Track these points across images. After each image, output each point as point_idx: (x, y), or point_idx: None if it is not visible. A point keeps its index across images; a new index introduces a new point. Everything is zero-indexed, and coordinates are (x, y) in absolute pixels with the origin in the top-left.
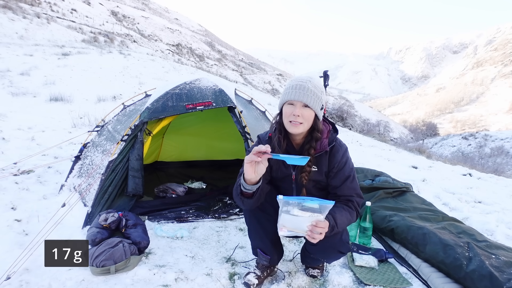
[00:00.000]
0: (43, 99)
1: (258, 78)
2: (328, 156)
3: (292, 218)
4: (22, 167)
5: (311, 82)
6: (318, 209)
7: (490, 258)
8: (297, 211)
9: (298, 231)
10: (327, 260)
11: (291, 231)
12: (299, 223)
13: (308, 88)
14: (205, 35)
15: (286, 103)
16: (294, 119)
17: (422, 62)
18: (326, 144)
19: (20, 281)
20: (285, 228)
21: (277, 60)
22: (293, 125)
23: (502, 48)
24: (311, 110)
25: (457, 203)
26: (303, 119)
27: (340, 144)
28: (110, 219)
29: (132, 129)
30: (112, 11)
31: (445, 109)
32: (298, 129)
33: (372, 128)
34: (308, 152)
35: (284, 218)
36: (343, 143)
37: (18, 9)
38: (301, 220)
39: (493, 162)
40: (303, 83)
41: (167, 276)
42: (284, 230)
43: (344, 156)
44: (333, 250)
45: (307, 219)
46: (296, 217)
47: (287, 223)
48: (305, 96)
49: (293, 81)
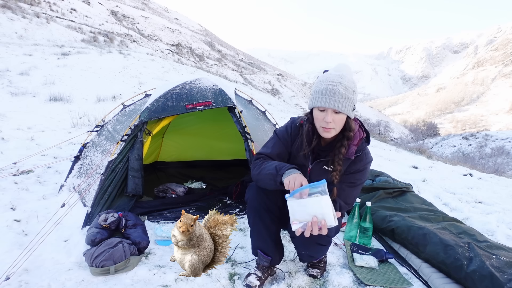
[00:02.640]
0: (43, 99)
1: (258, 78)
2: (349, 162)
3: (301, 209)
4: (22, 167)
5: (341, 84)
6: (320, 191)
7: (491, 258)
8: (302, 200)
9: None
10: (311, 254)
11: (304, 222)
12: (308, 210)
13: (339, 92)
14: (205, 35)
15: (317, 108)
16: (326, 125)
17: (422, 62)
18: (353, 152)
19: (20, 281)
20: (297, 221)
21: (277, 60)
22: (325, 131)
23: (502, 47)
24: (343, 114)
25: (457, 203)
26: (335, 124)
27: (367, 155)
28: (109, 219)
29: (132, 129)
30: (112, 11)
31: (446, 109)
32: (330, 134)
33: (372, 128)
34: (339, 150)
35: (294, 212)
36: (370, 156)
37: (17, 8)
38: (310, 206)
39: (493, 162)
40: (333, 86)
41: (167, 276)
42: (296, 223)
43: (364, 166)
44: (312, 243)
45: (314, 203)
46: (304, 206)
47: (298, 215)
48: (336, 102)
49: (323, 83)
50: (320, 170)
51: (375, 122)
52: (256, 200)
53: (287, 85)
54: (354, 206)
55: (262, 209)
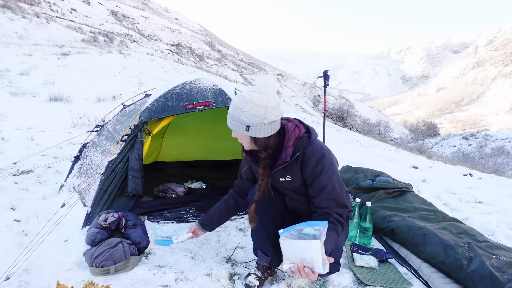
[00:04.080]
0: (43, 99)
1: (258, 78)
2: (299, 165)
3: (291, 250)
4: (22, 167)
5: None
6: (316, 235)
7: (491, 258)
8: (294, 241)
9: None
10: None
11: (294, 263)
12: (298, 252)
13: (229, 112)
14: (205, 35)
15: None
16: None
17: (422, 62)
18: (289, 154)
19: (20, 281)
20: (287, 260)
21: (277, 60)
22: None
23: (502, 47)
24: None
25: (457, 203)
26: (241, 140)
27: (314, 150)
28: (109, 219)
29: (132, 129)
30: (112, 11)
31: (446, 109)
32: (245, 146)
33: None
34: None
35: (285, 251)
36: (319, 149)
37: (17, 8)
38: (300, 249)
39: (493, 162)
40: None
41: (167, 277)
42: (287, 262)
43: (319, 164)
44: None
45: (305, 247)
46: (295, 248)
47: (289, 254)
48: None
49: None
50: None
51: (375, 122)
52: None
53: (287, 85)
54: (354, 206)
55: (263, 212)
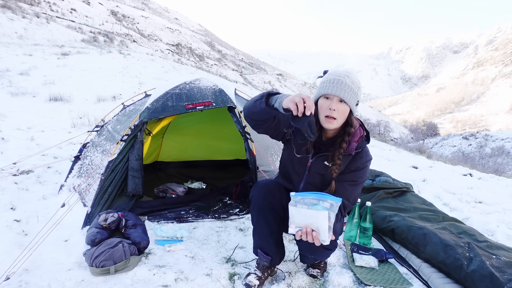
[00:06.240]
0: (43, 99)
1: (258, 78)
2: (350, 159)
3: (300, 216)
4: (22, 167)
5: (349, 77)
6: (328, 207)
7: (491, 258)
8: (307, 209)
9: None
10: (315, 257)
11: (299, 228)
12: (306, 219)
13: (346, 83)
14: (205, 35)
15: (322, 97)
16: (330, 113)
17: (422, 62)
18: (353, 148)
19: (20, 281)
20: (294, 224)
21: (277, 60)
22: (328, 120)
23: (502, 48)
24: (347, 105)
25: (457, 203)
26: (338, 114)
27: (367, 153)
28: (109, 219)
29: (132, 129)
30: (112, 11)
31: (446, 109)
32: (332, 124)
33: (372, 128)
34: (340, 145)
35: (292, 216)
36: (370, 155)
37: (17, 8)
38: (308, 216)
39: (493, 162)
40: (341, 77)
41: (166, 277)
42: (293, 227)
43: (364, 164)
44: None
45: (313, 215)
46: (303, 215)
47: (296, 220)
48: (342, 91)
49: (331, 74)
50: (320, 165)
51: (375, 122)
52: (261, 199)
53: (287, 85)
54: (354, 206)
55: (267, 207)
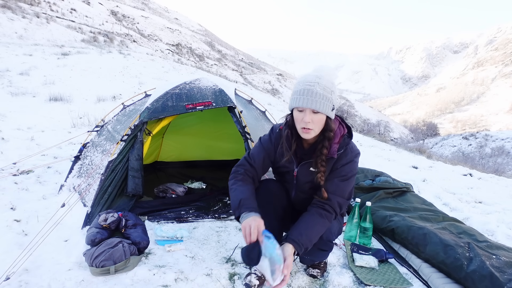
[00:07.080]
0: (43, 99)
1: (258, 78)
2: (334, 161)
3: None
4: (22, 167)
5: (319, 84)
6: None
7: (491, 258)
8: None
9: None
10: (312, 258)
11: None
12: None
13: (316, 92)
14: (205, 35)
15: (295, 109)
16: (305, 125)
17: (422, 62)
18: (335, 150)
19: (20, 281)
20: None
21: (277, 60)
22: (305, 132)
23: (502, 47)
24: (322, 114)
25: (457, 203)
26: (314, 125)
27: (352, 149)
28: (109, 219)
29: (132, 129)
30: (112, 11)
31: (446, 109)
32: (309, 135)
33: (372, 128)
34: (321, 152)
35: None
36: (356, 149)
37: (17, 8)
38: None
39: (493, 162)
40: (310, 86)
41: (166, 277)
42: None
43: (350, 159)
44: (313, 249)
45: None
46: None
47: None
48: (314, 102)
49: (301, 83)
50: (306, 173)
51: (375, 122)
52: (262, 199)
53: (287, 85)
54: (354, 206)
55: (267, 208)
